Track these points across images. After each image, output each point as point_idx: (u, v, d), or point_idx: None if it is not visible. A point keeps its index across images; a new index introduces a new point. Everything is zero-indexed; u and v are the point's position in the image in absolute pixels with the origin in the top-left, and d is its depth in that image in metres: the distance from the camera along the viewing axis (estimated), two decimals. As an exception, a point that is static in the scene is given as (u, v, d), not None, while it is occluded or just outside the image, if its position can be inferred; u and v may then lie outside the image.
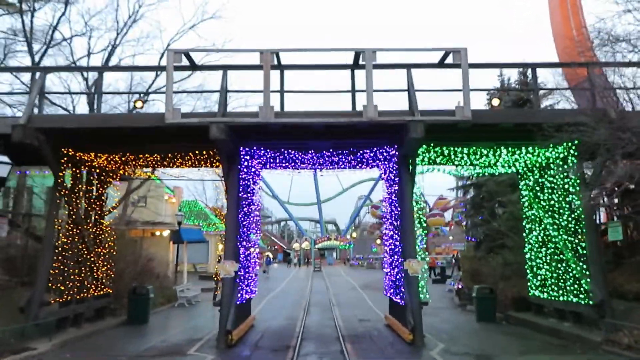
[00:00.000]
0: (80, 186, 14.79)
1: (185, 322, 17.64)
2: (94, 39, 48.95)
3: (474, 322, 17.19)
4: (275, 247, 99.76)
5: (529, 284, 16.51)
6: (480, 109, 13.23)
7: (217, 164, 14.42)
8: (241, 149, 13.67)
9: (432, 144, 13.92)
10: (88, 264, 15.18)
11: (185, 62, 13.02)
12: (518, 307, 17.38)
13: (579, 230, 13.57)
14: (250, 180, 14.73)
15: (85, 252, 14.98)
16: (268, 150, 14.00)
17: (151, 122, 12.42)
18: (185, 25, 24.02)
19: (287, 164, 14.99)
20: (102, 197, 16.18)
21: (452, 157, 14.39)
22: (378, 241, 78.68)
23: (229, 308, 12.75)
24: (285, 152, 14.02)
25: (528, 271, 16.53)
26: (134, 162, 14.67)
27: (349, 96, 13.76)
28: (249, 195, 14.40)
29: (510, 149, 13.84)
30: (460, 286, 24.37)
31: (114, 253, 16.97)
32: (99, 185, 16.00)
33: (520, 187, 16.83)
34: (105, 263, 16.23)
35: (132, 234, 28.64)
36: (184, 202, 49.71)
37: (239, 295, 13.43)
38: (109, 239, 16.53)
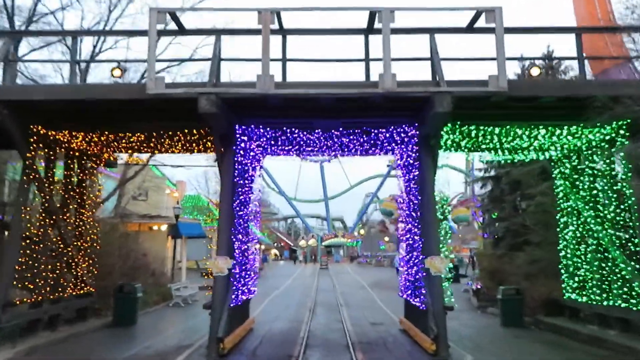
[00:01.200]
0: (54, 170, 13.03)
1: (177, 324, 15.89)
2: (89, 20, 46.71)
3: (499, 327, 15.32)
4: (282, 244, 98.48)
5: (563, 285, 14.58)
6: (517, 79, 11.33)
7: (210, 144, 12.61)
8: (237, 127, 11.83)
9: (457, 123, 12.04)
10: (65, 259, 13.43)
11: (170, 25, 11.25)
12: (549, 311, 15.47)
13: (630, 223, 11.66)
14: (249, 165, 12.91)
15: (62, 245, 13.25)
16: (268, 130, 12.15)
17: (130, 94, 10.62)
18: (185, 4, 22.26)
19: (290, 147, 13.15)
20: (84, 185, 14.41)
21: (480, 139, 12.46)
22: (386, 238, 76.99)
23: (221, 312, 10.95)
24: (288, 131, 12.16)
25: (562, 271, 14.61)
26: (115, 144, 12.87)
27: (362, 69, 11.90)
28: (246, 182, 12.58)
29: (550, 128, 11.90)
30: (478, 286, 22.52)
31: (98, 247, 15.22)
32: (79, 171, 14.24)
33: (553, 175, 14.89)
34: (86, 258, 14.47)
35: (130, 228, 27.03)
36: (187, 197, 48.19)
37: (234, 296, 11.62)
38: (91, 232, 14.77)
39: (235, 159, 11.83)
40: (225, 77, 16.14)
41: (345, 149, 13.43)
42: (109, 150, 13.62)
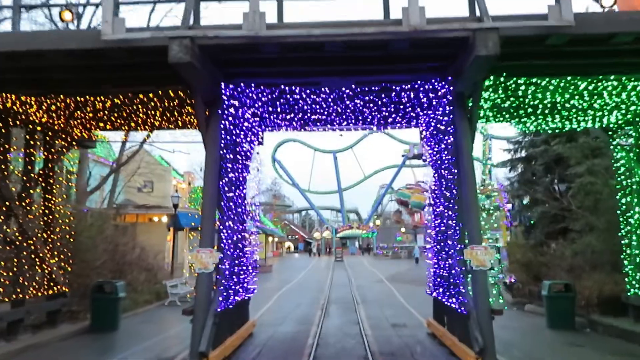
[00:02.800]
0: (7, 147, 10.75)
1: (164, 329, 13.61)
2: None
3: (547, 330, 12.85)
4: (296, 236, 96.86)
5: (627, 279, 12.06)
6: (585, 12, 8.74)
7: (192, 110, 10.23)
8: (223, 86, 9.44)
9: (501, 78, 9.50)
10: (26, 253, 11.22)
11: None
12: (605, 310, 12.94)
13: None
14: (242, 137, 10.56)
15: (20, 237, 11.04)
16: (263, 88, 9.72)
17: (83, 42, 8.26)
18: None
19: (292, 114, 10.78)
20: (50, 166, 12.17)
21: (529, 98, 9.90)
22: (403, 229, 74.40)
23: (204, 319, 8.61)
24: (288, 90, 9.70)
25: (626, 262, 12.08)
26: (80, 114, 10.56)
27: (379, 9, 9.33)
28: (238, 157, 10.22)
29: (624, 80, 9.27)
30: (512, 280, 20.02)
31: (72, 240, 13.02)
32: (43, 150, 12.00)
33: (613, 148, 12.31)
34: (56, 252, 12.27)
35: (127, 219, 25.03)
36: (195, 189, 46.26)
37: (222, 298, 9.29)
38: (61, 222, 12.54)
39: (222, 125, 9.44)
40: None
41: (360, 117, 11.01)
42: (76, 123, 11.31)
